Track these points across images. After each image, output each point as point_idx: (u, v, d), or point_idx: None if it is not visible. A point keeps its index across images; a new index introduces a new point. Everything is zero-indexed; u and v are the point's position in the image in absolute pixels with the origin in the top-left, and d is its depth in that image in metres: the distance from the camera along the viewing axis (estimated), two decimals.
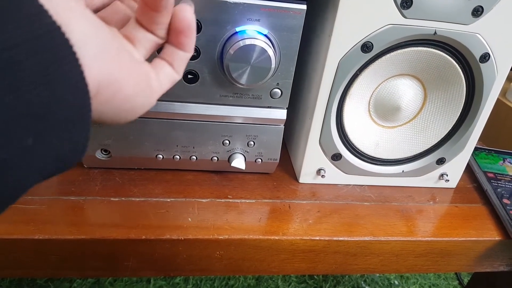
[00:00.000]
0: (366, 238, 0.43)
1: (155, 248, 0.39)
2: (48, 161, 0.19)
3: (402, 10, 0.39)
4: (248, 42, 0.38)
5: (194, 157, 0.46)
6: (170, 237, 0.39)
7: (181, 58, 0.28)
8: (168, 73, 0.28)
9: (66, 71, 0.18)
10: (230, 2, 0.38)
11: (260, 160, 0.47)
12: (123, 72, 0.23)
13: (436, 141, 0.49)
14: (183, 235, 0.39)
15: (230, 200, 0.45)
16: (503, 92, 1.05)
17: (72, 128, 0.19)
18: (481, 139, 0.52)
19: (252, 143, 0.46)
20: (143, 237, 0.39)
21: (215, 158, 0.46)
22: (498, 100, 0.47)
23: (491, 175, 0.53)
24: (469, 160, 0.52)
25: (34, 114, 0.17)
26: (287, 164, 0.52)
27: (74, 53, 0.18)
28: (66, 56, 0.18)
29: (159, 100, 0.33)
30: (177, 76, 0.29)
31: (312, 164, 0.48)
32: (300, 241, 0.42)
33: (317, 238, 0.42)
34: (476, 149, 0.59)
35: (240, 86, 0.41)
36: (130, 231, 0.39)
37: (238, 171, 0.49)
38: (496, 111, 0.47)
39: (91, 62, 0.20)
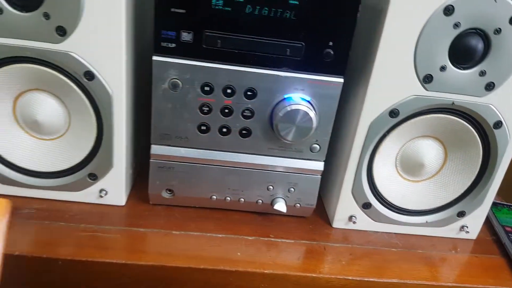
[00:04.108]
0: (394, 280, 0.49)
1: (210, 277, 0.46)
2: None
3: (424, 84, 0.47)
4: (294, 107, 0.47)
5: (242, 199, 0.53)
6: (223, 268, 0.46)
7: None
8: None
9: None
10: (282, 76, 0.47)
11: (298, 205, 0.54)
12: None
13: (456, 196, 0.55)
14: (234, 267, 0.46)
15: (272, 239, 0.52)
16: None
17: None
18: (500, 193, 0.57)
19: (292, 189, 0.53)
20: (201, 266, 0.45)
21: (260, 201, 0.54)
22: None
23: (509, 229, 0.58)
24: (489, 214, 0.57)
25: None
26: (320, 209, 0.58)
27: None
28: None
29: (217, 150, 0.40)
30: None
31: (345, 211, 0.54)
32: (335, 280, 0.47)
33: (350, 278, 0.48)
34: (497, 204, 0.64)
35: (286, 141, 0.49)
36: (190, 261, 0.46)
37: (278, 214, 0.56)
38: None
39: None
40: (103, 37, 0.44)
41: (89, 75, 0.45)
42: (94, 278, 0.46)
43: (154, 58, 0.45)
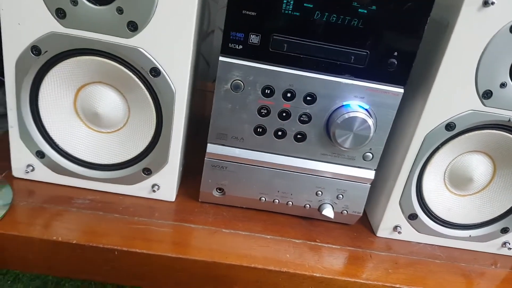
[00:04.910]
0: None
1: (260, 276, 0.46)
2: None
3: (483, 100, 0.48)
4: (352, 114, 0.47)
5: (291, 203, 0.54)
6: (274, 269, 0.46)
7: None
8: None
9: None
10: (343, 83, 0.47)
11: (345, 212, 0.54)
12: None
13: (501, 212, 0.55)
14: (285, 268, 0.46)
15: (319, 244, 0.52)
16: None
17: None
18: None
19: (341, 196, 0.54)
20: (252, 265, 0.46)
21: (308, 206, 0.54)
22: None
23: None
24: None
25: None
26: (362, 217, 0.59)
27: None
28: None
29: (271, 152, 0.40)
30: None
31: (391, 220, 0.54)
32: (382, 287, 0.48)
33: (397, 285, 0.48)
34: None
35: (341, 148, 0.50)
36: (241, 259, 0.46)
37: (322, 219, 0.56)
38: None
39: None
40: (173, 34, 0.44)
41: (155, 72, 0.46)
42: (147, 270, 0.46)
43: (221, 58, 0.46)
